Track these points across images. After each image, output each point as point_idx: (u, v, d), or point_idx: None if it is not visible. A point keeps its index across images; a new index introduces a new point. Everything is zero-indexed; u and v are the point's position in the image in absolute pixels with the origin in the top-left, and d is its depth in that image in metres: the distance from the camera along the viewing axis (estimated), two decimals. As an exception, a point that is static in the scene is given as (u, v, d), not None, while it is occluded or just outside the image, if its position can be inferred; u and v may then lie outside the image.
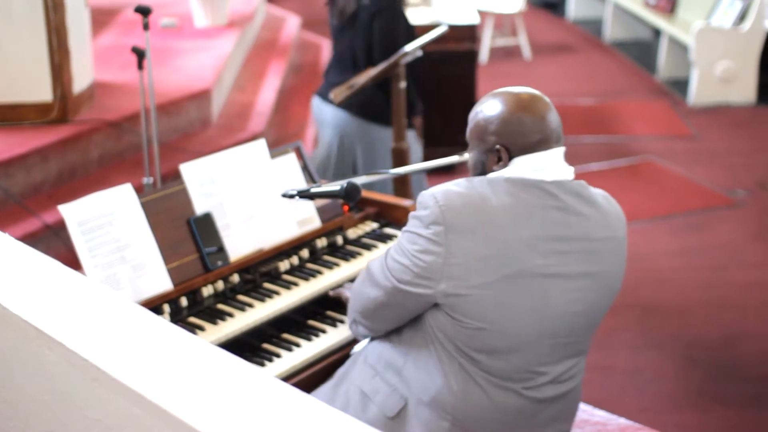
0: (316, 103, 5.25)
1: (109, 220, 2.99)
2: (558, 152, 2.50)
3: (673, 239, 6.05)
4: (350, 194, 2.82)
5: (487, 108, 2.54)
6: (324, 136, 5.26)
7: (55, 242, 4.83)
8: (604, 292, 2.55)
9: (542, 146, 2.47)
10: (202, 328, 2.99)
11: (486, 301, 2.39)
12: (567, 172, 2.52)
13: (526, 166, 2.46)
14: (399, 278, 2.48)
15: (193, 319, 3.04)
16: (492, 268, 2.37)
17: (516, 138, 2.47)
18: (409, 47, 4.51)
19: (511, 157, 2.48)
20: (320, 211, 3.51)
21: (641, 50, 10.38)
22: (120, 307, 2.13)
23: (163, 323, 2.05)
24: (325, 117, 5.18)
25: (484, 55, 9.72)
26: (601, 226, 2.51)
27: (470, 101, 6.90)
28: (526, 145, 2.47)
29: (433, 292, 2.42)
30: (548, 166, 2.47)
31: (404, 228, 2.51)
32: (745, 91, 8.63)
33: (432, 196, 2.42)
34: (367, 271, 2.65)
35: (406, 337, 2.59)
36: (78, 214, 2.94)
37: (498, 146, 2.49)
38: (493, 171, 2.51)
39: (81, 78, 5.59)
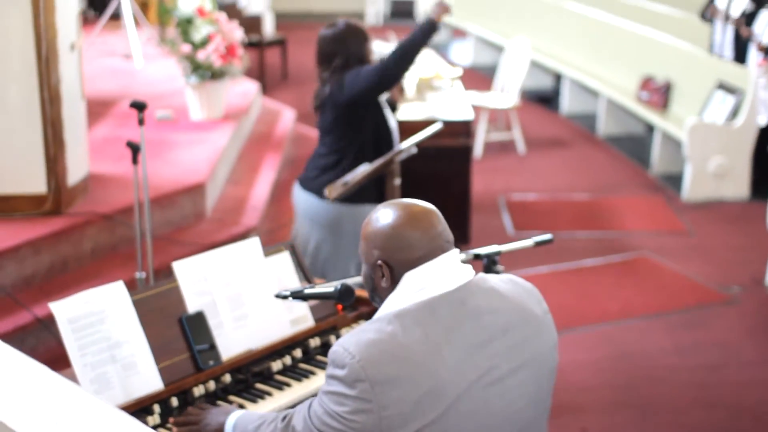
0: (297, 191, 5.22)
1: (100, 318, 2.96)
2: (450, 257, 2.45)
3: (667, 337, 6.01)
4: (344, 296, 2.80)
5: (375, 222, 2.47)
6: (302, 225, 5.19)
7: (46, 336, 4.79)
8: (542, 374, 2.50)
9: (428, 258, 2.42)
10: (192, 430, 2.94)
11: None
12: (466, 273, 2.47)
13: (421, 283, 2.40)
14: None
15: (183, 421, 2.99)
16: (430, 406, 2.29)
17: (398, 254, 2.42)
18: (404, 144, 4.52)
19: (395, 273, 2.43)
20: (313, 310, 3.48)
21: (635, 145, 10.43)
22: (100, 412, 2.09)
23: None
24: (305, 206, 5.12)
25: (478, 149, 9.77)
26: (515, 313, 2.47)
27: (465, 196, 6.93)
28: (410, 261, 2.41)
29: None
30: (445, 275, 2.42)
31: (324, 388, 2.38)
32: (739, 187, 8.66)
33: (346, 353, 2.32)
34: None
35: None
36: (68, 312, 2.91)
37: (380, 262, 2.44)
38: (382, 289, 2.45)
39: (75, 170, 5.60)
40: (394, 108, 5.36)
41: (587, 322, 6.18)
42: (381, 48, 7.79)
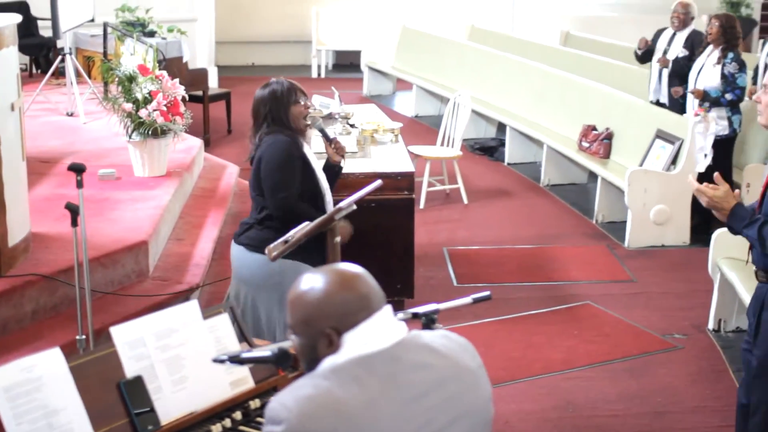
0: (240, 252, 5.23)
1: (36, 386, 2.93)
2: (385, 313, 2.48)
3: (612, 385, 6.05)
4: (281, 360, 2.80)
5: (310, 291, 2.47)
6: (240, 286, 5.24)
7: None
8: (478, 427, 2.53)
9: (365, 317, 2.44)
10: (130, 497, 2.92)
11: None
12: (400, 329, 2.50)
13: (360, 342, 2.42)
14: None
15: (121, 488, 2.97)
16: None
17: (344, 319, 2.43)
18: (344, 203, 4.54)
19: (341, 338, 2.43)
20: (254, 371, 3.47)
21: (578, 193, 10.53)
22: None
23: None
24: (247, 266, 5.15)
25: (421, 201, 9.79)
26: (449, 368, 2.50)
27: (409, 249, 6.92)
28: (354, 323, 2.43)
29: None
30: (381, 332, 2.45)
31: None
32: (679, 233, 8.78)
33: (283, 408, 2.33)
34: None
35: None
36: (4, 381, 2.88)
37: (328, 330, 2.43)
38: (325, 355, 2.44)
39: (16, 231, 5.56)
40: (339, 171, 5.44)
41: (532, 372, 6.20)
42: (322, 102, 7.82)
